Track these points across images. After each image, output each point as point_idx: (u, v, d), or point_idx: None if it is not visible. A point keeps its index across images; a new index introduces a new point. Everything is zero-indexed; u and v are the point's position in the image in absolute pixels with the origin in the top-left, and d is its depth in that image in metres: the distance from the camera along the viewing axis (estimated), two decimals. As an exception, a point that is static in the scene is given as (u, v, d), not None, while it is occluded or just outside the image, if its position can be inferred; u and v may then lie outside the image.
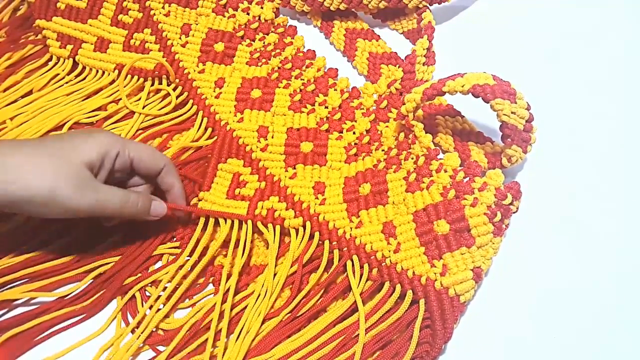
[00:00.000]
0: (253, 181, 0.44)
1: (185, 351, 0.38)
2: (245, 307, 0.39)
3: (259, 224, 0.42)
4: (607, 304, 0.41)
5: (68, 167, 0.35)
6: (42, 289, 0.40)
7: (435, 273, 0.38)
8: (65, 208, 0.35)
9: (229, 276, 0.40)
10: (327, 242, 0.41)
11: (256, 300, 0.39)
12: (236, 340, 0.37)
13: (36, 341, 0.39)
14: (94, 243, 0.43)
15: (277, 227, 0.42)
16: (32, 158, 0.34)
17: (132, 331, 0.39)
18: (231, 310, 0.39)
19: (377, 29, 0.57)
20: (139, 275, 0.42)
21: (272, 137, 0.46)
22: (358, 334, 0.37)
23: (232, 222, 0.42)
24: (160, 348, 0.39)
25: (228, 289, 0.39)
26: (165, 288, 0.40)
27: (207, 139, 0.48)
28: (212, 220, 0.42)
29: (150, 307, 0.40)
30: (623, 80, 0.53)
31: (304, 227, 0.42)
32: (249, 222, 0.42)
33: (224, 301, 0.39)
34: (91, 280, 0.41)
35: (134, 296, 0.41)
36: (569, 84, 0.53)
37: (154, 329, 0.39)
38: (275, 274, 0.40)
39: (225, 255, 0.42)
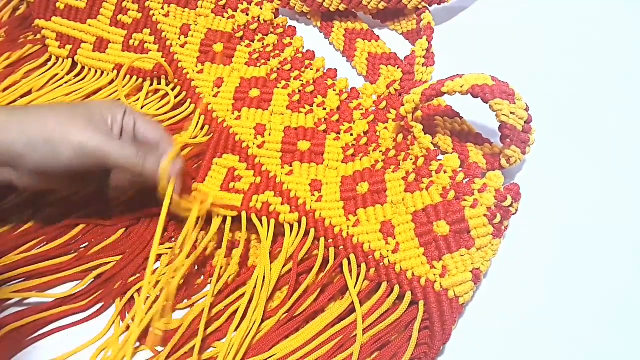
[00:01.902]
0: (248, 176, 0.44)
1: (182, 351, 0.38)
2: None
3: (253, 217, 0.41)
4: (607, 305, 0.41)
5: (83, 113, 0.37)
6: (40, 287, 0.40)
7: (435, 274, 0.37)
8: (79, 143, 0.35)
9: (223, 275, 0.40)
10: (322, 240, 0.41)
11: (251, 297, 0.39)
12: (230, 340, 0.37)
13: (33, 339, 0.39)
14: (96, 239, 0.43)
15: (272, 222, 0.42)
16: (49, 107, 0.37)
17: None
18: (227, 309, 0.39)
19: (376, 30, 0.57)
20: (137, 275, 0.42)
21: (269, 135, 0.46)
22: (356, 335, 0.36)
23: (225, 217, 0.42)
24: (158, 349, 0.39)
25: (224, 288, 0.39)
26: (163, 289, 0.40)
27: (203, 137, 0.48)
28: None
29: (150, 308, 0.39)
30: (623, 81, 0.53)
31: (300, 223, 0.41)
32: (243, 214, 0.41)
33: (220, 300, 0.39)
34: (91, 281, 0.41)
35: (132, 297, 0.41)
36: (569, 84, 0.53)
37: (151, 329, 0.39)
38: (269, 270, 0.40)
39: (226, 256, 0.42)
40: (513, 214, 0.40)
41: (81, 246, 0.43)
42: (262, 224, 0.41)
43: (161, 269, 0.41)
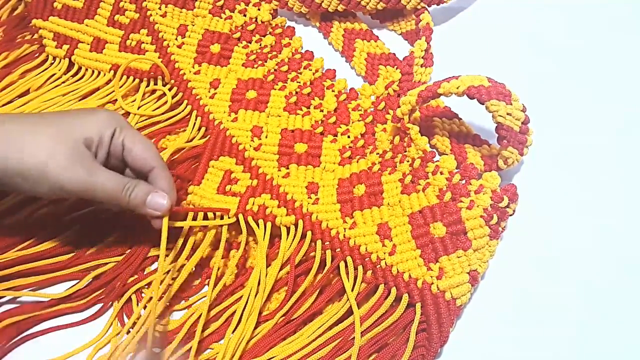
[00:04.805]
0: (245, 179, 0.44)
1: (180, 352, 0.38)
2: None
3: (250, 220, 0.41)
4: (606, 307, 0.41)
5: (65, 140, 0.34)
6: (36, 284, 0.41)
7: (431, 276, 0.37)
8: (56, 183, 0.34)
9: (221, 277, 0.40)
10: (319, 242, 0.41)
11: (247, 299, 0.39)
12: (228, 342, 0.37)
13: (29, 336, 0.39)
14: (95, 238, 0.43)
15: (268, 224, 0.42)
16: (31, 127, 0.34)
17: (128, 332, 0.39)
18: (224, 310, 0.39)
19: (375, 30, 0.56)
20: (135, 277, 0.42)
21: (266, 137, 0.46)
22: (354, 337, 0.36)
23: (222, 218, 0.42)
24: (156, 350, 0.39)
25: (222, 290, 0.39)
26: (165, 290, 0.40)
27: (200, 139, 0.47)
28: (200, 216, 0.41)
29: (145, 308, 0.39)
30: (621, 83, 0.53)
31: (296, 225, 0.41)
32: (240, 216, 0.41)
33: (218, 303, 0.39)
34: (89, 281, 0.41)
35: (130, 298, 0.41)
36: (567, 86, 0.53)
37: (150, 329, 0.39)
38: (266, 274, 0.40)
39: (223, 257, 0.42)
40: (510, 215, 0.40)
41: (78, 246, 0.43)
42: (258, 227, 0.41)
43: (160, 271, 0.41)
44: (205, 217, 0.42)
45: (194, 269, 0.42)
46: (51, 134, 0.34)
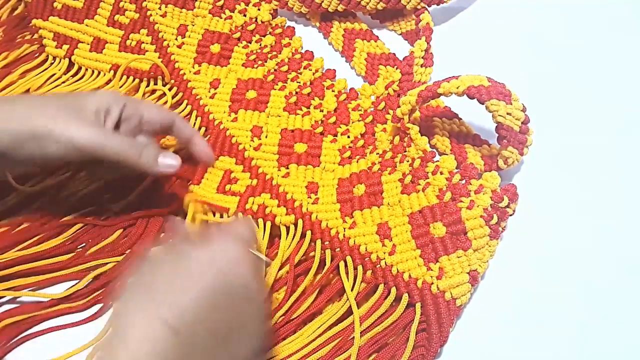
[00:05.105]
0: (244, 178, 0.44)
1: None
2: None
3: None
4: (606, 307, 0.41)
5: (74, 105, 0.36)
6: (36, 284, 0.40)
7: (431, 276, 0.37)
8: (67, 138, 0.34)
9: None
10: (318, 242, 0.41)
11: None
12: None
13: (29, 336, 0.39)
14: (95, 238, 0.43)
15: (268, 224, 0.42)
16: (40, 101, 0.36)
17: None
18: None
19: (375, 30, 0.56)
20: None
21: (266, 137, 0.46)
22: (354, 337, 0.36)
23: (222, 216, 0.42)
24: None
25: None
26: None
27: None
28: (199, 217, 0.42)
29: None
30: (621, 83, 0.53)
31: (296, 225, 0.41)
32: (240, 216, 0.41)
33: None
34: (89, 281, 0.41)
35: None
36: (567, 86, 0.53)
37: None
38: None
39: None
40: (510, 215, 0.40)
41: (78, 247, 0.43)
42: (258, 226, 0.41)
43: None
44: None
45: None
46: (59, 104, 0.36)
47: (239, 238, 0.32)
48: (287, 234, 0.41)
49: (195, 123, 0.48)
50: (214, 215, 0.42)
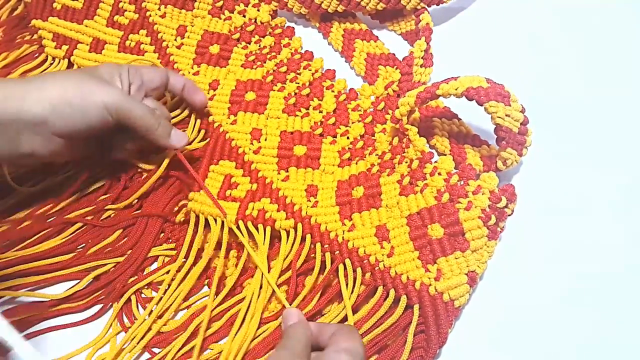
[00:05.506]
0: (244, 183, 0.44)
1: (180, 353, 0.38)
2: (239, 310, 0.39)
3: (249, 225, 0.41)
4: (606, 307, 0.41)
5: (93, 75, 0.39)
6: (36, 284, 0.41)
7: (429, 278, 0.37)
8: (100, 103, 0.37)
9: (222, 278, 0.41)
10: (318, 245, 0.41)
11: (249, 304, 0.39)
12: (229, 346, 0.37)
13: (29, 335, 0.39)
14: (95, 238, 0.44)
15: (268, 229, 0.42)
16: (62, 74, 0.38)
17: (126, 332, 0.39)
18: (226, 311, 0.40)
19: (375, 30, 0.56)
20: (135, 277, 0.42)
21: (265, 140, 0.46)
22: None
23: (223, 222, 0.42)
24: (156, 350, 0.39)
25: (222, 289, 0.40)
26: (165, 291, 0.41)
27: (200, 141, 0.47)
28: (202, 221, 0.42)
29: (151, 311, 0.40)
30: (621, 83, 0.53)
31: (295, 229, 0.41)
32: (240, 223, 0.41)
33: (219, 303, 0.39)
34: (89, 282, 0.41)
35: (130, 299, 0.41)
36: (567, 86, 0.53)
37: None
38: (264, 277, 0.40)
39: (225, 257, 0.42)
40: (509, 216, 0.40)
41: (79, 247, 0.43)
42: (258, 232, 0.41)
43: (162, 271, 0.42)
44: (206, 223, 0.42)
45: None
46: (82, 73, 0.39)
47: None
48: (287, 238, 0.41)
49: (195, 125, 0.48)
50: (215, 222, 0.42)
